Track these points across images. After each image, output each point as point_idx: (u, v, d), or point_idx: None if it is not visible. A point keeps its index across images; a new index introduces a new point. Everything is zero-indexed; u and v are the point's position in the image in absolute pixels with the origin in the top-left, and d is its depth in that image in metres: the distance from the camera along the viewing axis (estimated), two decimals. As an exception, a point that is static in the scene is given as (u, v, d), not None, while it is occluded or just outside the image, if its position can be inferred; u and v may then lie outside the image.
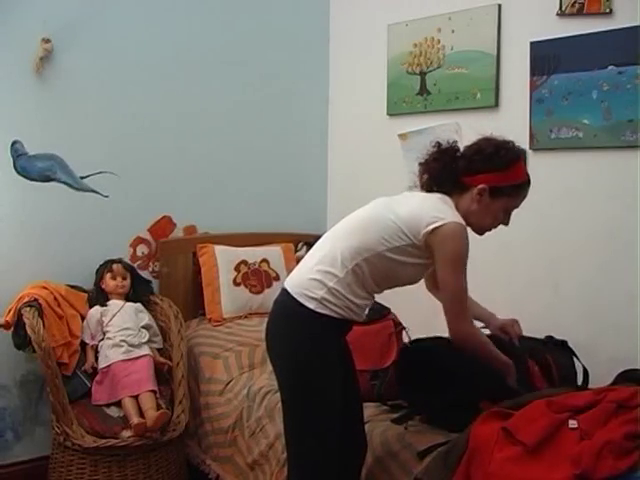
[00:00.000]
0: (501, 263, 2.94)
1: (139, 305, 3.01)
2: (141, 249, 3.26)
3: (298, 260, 3.51)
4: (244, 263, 3.33)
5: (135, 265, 3.18)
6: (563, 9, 2.67)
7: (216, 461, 2.77)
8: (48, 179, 2.96)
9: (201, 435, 2.87)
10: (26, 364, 2.90)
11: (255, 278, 3.32)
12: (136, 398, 2.69)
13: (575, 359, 2.32)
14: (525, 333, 2.37)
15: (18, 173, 2.89)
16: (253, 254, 3.37)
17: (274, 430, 2.48)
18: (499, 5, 2.91)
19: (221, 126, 3.44)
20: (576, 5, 2.63)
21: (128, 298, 3.01)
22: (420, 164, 2.01)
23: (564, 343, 2.36)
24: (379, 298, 2.08)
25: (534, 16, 2.79)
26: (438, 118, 3.15)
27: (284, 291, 1.96)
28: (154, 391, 2.75)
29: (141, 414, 2.63)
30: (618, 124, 2.53)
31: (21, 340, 2.67)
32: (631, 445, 1.64)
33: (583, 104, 2.63)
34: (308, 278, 1.91)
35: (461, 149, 2.00)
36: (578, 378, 2.29)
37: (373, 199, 2.03)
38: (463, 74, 3.05)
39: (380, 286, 1.95)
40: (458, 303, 1.91)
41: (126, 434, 2.60)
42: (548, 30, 2.73)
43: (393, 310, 2.60)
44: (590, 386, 2.22)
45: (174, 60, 3.27)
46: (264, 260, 3.38)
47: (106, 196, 3.10)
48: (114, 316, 2.89)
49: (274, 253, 3.43)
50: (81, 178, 3.04)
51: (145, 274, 3.22)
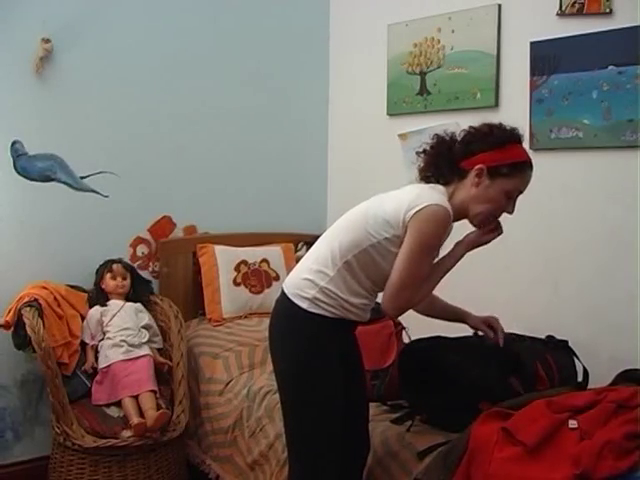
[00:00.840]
0: (501, 263, 2.94)
1: (139, 305, 3.01)
2: (141, 249, 3.26)
3: (298, 260, 3.49)
4: (244, 263, 3.33)
5: (135, 265, 3.18)
6: (563, 9, 2.67)
7: (216, 461, 2.77)
8: (48, 179, 2.96)
9: (201, 435, 2.87)
10: (26, 364, 2.90)
11: (255, 278, 3.32)
12: (136, 398, 2.69)
13: (575, 359, 2.32)
14: (525, 333, 2.38)
15: (18, 173, 2.89)
16: (253, 254, 3.37)
17: (274, 430, 2.48)
18: (499, 5, 2.91)
19: (221, 126, 3.44)
20: (576, 5, 2.63)
21: (128, 298, 3.01)
22: (417, 153, 1.98)
23: (564, 343, 2.36)
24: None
25: (534, 16, 2.79)
26: (438, 118, 3.15)
27: (282, 291, 1.97)
28: (154, 391, 2.75)
29: (141, 414, 2.63)
30: (618, 124, 2.53)
31: (21, 340, 2.67)
32: (631, 445, 1.64)
33: (583, 104, 2.63)
34: (302, 278, 1.92)
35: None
36: (578, 378, 2.30)
37: (373, 198, 2.03)
38: (463, 74, 3.05)
39: (377, 283, 1.90)
40: (406, 289, 1.80)
41: (126, 434, 2.60)
42: (548, 30, 2.73)
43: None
44: (590, 386, 2.22)
45: (174, 60, 3.27)
46: (264, 260, 3.38)
47: (106, 196, 3.10)
48: (114, 316, 2.89)
49: (274, 253, 3.43)
50: (81, 178, 3.04)
51: (145, 274, 3.22)
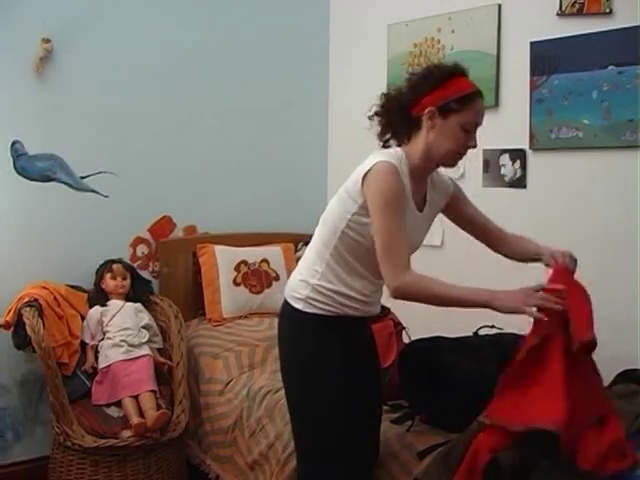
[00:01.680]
0: (501, 263, 2.93)
1: (139, 305, 3.01)
2: (141, 249, 3.26)
3: (298, 260, 3.51)
4: (244, 263, 3.33)
5: (135, 265, 3.18)
6: (563, 9, 2.67)
7: (216, 461, 2.77)
8: (48, 179, 2.96)
9: (201, 435, 2.87)
10: (26, 364, 2.90)
11: (255, 278, 3.32)
12: (136, 398, 2.69)
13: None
14: (526, 333, 2.37)
15: (18, 173, 2.89)
16: (253, 254, 3.37)
17: (274, 430, 2.48)
18: (499, 5, 2.91)
19: (221, 126, 3.44)
20: (576, 5, 2.63)
21: (128, 298, 3.01)
22: (369, 117, 1.94)
23: (564, 343, 2.36)
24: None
25: (534, 16, 2.79)
26: (438, 118, 3.15)
27: (284, 295, 1.97)
28: (154, 391, 2.75)
29: (141, 414, 2.63)
30: (618, 124, 2.53)
31: (21, 340, 2.67)
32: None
33: (583, 104, 2.63)
34: (296, 279, 1.92)
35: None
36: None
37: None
38: (463, 74, 3.05)
39: (369, 264, 1.83)
40: (389, 251, 1.73)
41: (126, 434, 2.60)
42: (548, 30, 2.73)
43: (393, 310, 2.60)
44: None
45: (174, 60, 3.27)
46: (264, 260, 3.38)
47: (106, 196, 3.10)
48: (114, 316, 2.89)
49: (274, 253, 3.43)
50: (81, 178, 3.04)
51: (145, 274, 3.22)
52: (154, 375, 2.81)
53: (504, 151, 2.90)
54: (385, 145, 1.93)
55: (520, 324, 2.45)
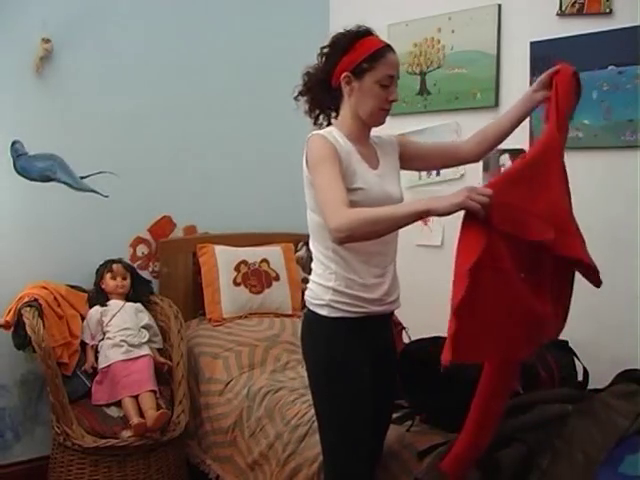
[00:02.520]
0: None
1: (139, 305, 3.01)
2: (141, 249, 3.26)
3: (298, 260, 3.51)
4: (244, 263, 3.33)
5: (135, 265, 3.18)
6: (563, 9, 2.67)
7: (216, 461, 2.77)
8: (48, 179, 2.96)
9: (201, 435, 2.87)
10: (26, 364, 2.90)
11: (255, 278, 3.32)
12: (136, 398, 2.69)
13: (575, 359, 2.32)
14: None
15: (18, 173, 2.89)
16: (253, 254, 3.37)
17: (274, 430, 2.49)
18: (499, 5, 2.91)
19: (221, 126, 3.44)
20: (576, 5, 2.63)
21: (128, 298, 3.01)
22: (295, 98, 2.01)
23: (564, 343, 2.36)
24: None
25: (534, 16, 2.79)
26: (438, 118, 3.15)
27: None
28: (154, 391, 2.75)
29: (141, 414, 2.64)
30: (618, 124, 2.53)
31: (21, 340, 2.67)
32: None
33: (583, 104, 2.60)
34: (316, 287, 1.90)
35: None
36: (578, 378, 2.30)
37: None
38: (463, 74, 3.05)
39: (360, 245, 1.82)
40: (327, 203, 1.77)
41: (126, 434, 2.60)
42: (548, 30, 2.73)
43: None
44: (590, 386, 2.23)
45: (174, 60, 3.27)
46: (264, 260, 3.38)
47: (106, 196, 3.10)
48: (114, 316, 2.89)
49: (274, 253, 3.43)
50: (81, 178, 3.04)
51: (145, 274, 3.23)
52: (154, 375, 2.81)
53: (504, 151, 2.90)
54: (316, 122, 2.03)
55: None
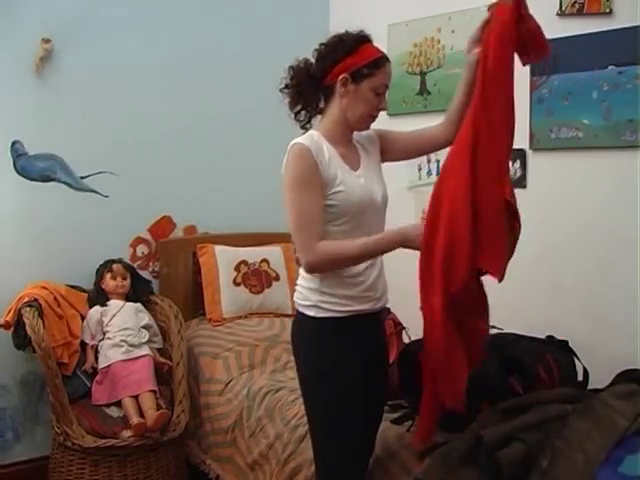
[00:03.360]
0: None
1: (139, 305, 3.01)
2: (141, 249, 3.26)
3: (298, 260, 3.51)
4: (244, 263, 3.33)
5: (135, 265, 3.18)
6: (563, 9, 2.67)
7: (216, 461, 2.77)
8: (48, 179, 2.96)
9: (201, 435, 2.87)
10: (26, 364, 2.90)
11: (255, 278, 3.32)
12: (136, 398, 2.69)
13: (575, 359, 2.32)
14: (525, 333, 2.38)
15: (18, 173, 2.89)
16: (253, 254, 3.37)
17: (274, 430, 2.49)
18: (499, 5, 2.90)
19: (221, 126, 3.44)
20: (576, 5, 2.63)
21: (128, 298, 3.01)
22: (280, 90, 1.99)
23: (564, 343, 2.36)
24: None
25: (534, 16, 2.79)
26: (438, 118, 3.09)
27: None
28: (154, 391, 2.75)
29: (141, 414, 2.64)
30: (618, 124, 2.53)
31: (21, 340, 2.68)
32: None
33: (583, 104, 2.63)
34: (304, 289, 1.91)
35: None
36: (578, 378, 2.29)
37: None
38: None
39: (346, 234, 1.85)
40: (299, 228, 1.77)
41: (126, 434, 2.60)
42: (548, 30, 2.68)
43: (393, 310, 2.60)
44: (590, 386, 2.22)
45: (174, 60, 3.27)
46: (264, 260, 3.38)
47: (106, 196, 3.11)
48: (114, 316, 2.89)
49: (274, 253, 3.43)
50: (81, 178, 3.05)
51: (145, 274, 3.23)
52: (154, 375, 2.81)
53: (504, 151, 2.90)
54: (297, 117, 1.98)
55: (520, 324, 2.47)
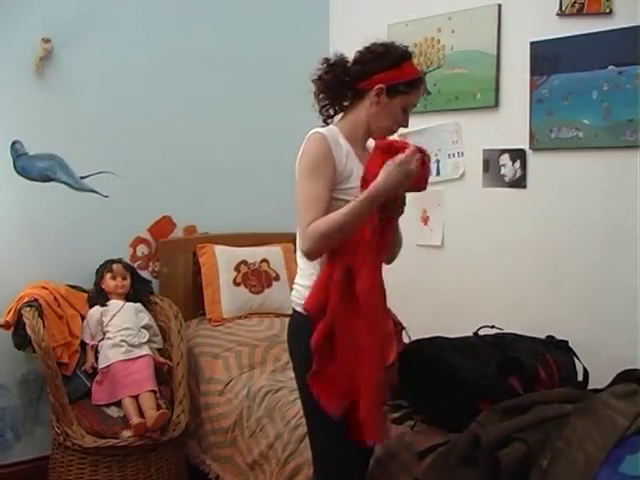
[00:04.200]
0: (502, 263, 2.94)
1: (139, 305, 3.01)
2: (141, 249, 3.26)
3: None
4: (244, 263, 3.33)
5: (135, 265, 3.18)
6: (563, 9, 2.67)
7: (216, 461, 2.77)
8: (48, 179, 2.96)
9: (201, 435, 2.87)
10: (26, 364, 2.90)
11: (255, 278, 3.32)
12: (136, 398, 2.69)
13: (575, 359, 2.32)
14: (525, 333, 2.38)
15: (18, 173, 2.89)
16: (253, 254, 3.37)
17: (274, 430, 2.48)
18: (499, 5, 2.91)
19: (221, 126, 3.44)
20: (576, 5, 2.63)
21: (128, 298, 3.01)
22: (313, 81, 1.99)
23: (564, 343, 2.36)
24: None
25: (534, 16, 2.79)
26: (438, 118, 3.15)
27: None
28: (154, 391, 2.75)
29: (141, 414, 2.64)
30: (618, 124, 2.53)
31: (21, 340, 2.68)
32: None
33: (583, 104, 2.63)
34: (300, 288, 1.91)
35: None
36: (578, 378, 2.30)
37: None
38: (463, 74, 3.05)
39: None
40: (302, 215, 1.78)
41: (126, 434, 2.60)
42: (548, 30, 2.72)
43: (393, 310, 2.59)
44: (590, 386, 2.22)
45: (174, 60, 3.26)
46: (264, 260, 3.38)
47: (106, 196, 3.10)
48: (114, 316, 2.89)
49: (274, 253, 3.43)
50: (81, 178, 3.04)
51: (145, 274, 3.23)
52: (154, 375, 2.81)
53: (504, 151, 2.90)
54: (322, 111, 2.01)
55: (520, 324, 2.47)
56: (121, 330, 2.85)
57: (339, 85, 1.94)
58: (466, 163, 3.06)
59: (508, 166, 2.89)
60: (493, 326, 2.43)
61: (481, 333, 2.37)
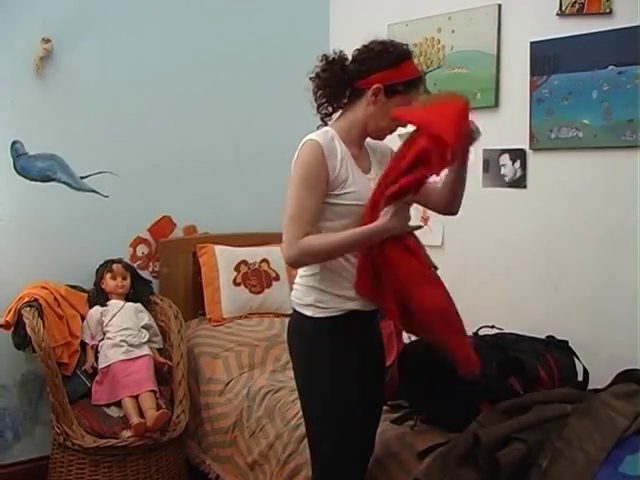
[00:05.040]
0: (501, 263, 2.94)
1: (139, 305, 3.01)
2: (141, 249, 3.26)
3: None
4: (244, 263, 3.33)
5: (135, 265, 3.18)
6: (563, 9, 2.67)
7: (216, 461, 2.77)
8: (48, 179, 2.96)
9: (201, 435, 2.87)
10: (26, 364, 2.90)
11: (255, 278, 3.32)
12: (136, 398, 2.69)
13: (575, 359, 2.33)
14: (525, 333, 2.38)
15: (18, 173, 2.89)
16: (253, 254, 3.37)
17: (274, 430, 2.49)
18: (499, 5, 2.91)
19: (221, 126, 3.44)
20: (576, 5, 2.63)
21: (128, 298, 3.01)
22: (311, 78, 1.97)
23: (564, 343, 2.36)
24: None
25: (534, 16, 2.79)
26: (438, 118, 3.15)
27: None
28: (154, 391, 2.75)
29: (141, 414, 2.64)
30: (618, 124, 2.53)
31: (21, 340, 2.68)
32: None
33: (583, 104, 2.63)
34: (301, 288, 1.90)
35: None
36: (578, 378, 2.30)
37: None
38: (463, 74, 3.05)
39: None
40: (292, 221, 1.77)
41: (126, 434, 2.60)
42: (548, 30, 2.73)
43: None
44: (590, 386, 2.23)
45: (174, 60, 3.27)
46: (264, 260, 3.38)
47: (106, 196, 3.10)
48: (114, 316, 2.89)
49: (274, 253, 3.43)
50: (81, 178, 3.04)
51: (145, 274, 3.23)
52: (154, 375, 2.81)
53: (504, 151, 2.90)
54: (319, 109, 1.99)
55: (520, 324, 2.47)
56: (121, 330, 2.85)
57: (337, 83, 1.91)
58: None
59: (508, 166, 2.89)
60: (493, 326, 2.43)
61: (481, 333, 2.37)
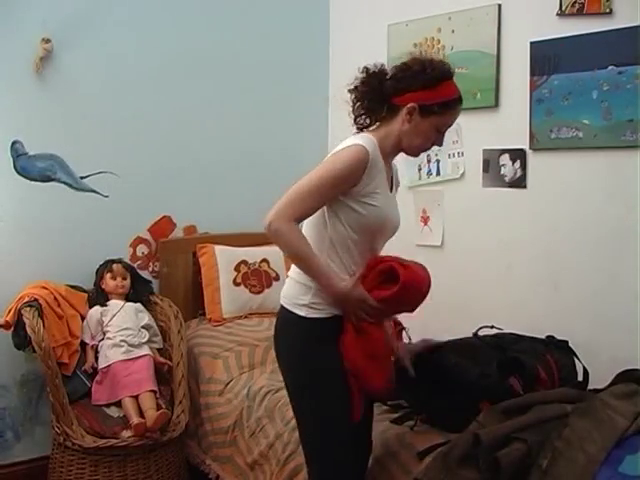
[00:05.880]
0: (502, 263, 2.94)
1: (139, 305, 3.01)
2: (141, 249, 3.26)
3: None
4: (244, 263, 3.33)
5: (135, 265, 3.18)
6: (563, 9, 2.67)
7: (216, 461, 2.77)
8: (48, 179, 2.96)
9: (201, 435, 2.87)
10: (26, 364, 2.90)
11: (255, 278, 3.32)
12: (136, 398, 2.69)
13: (575, 359, 2.32)
14: (525, 333, 2.38)
15: (18, 173, 2.89)
16: (253, 254, 3.37)
17: (274, 430, 2.49)
18: (499, 5, 2.91)
19: (221, 126, 3.44)
20: (576, 5, 2.63)
21: (128, 298, 3.01)
22: (349, 91, 1.96)
23: (564, 343, 2.36)
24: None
25: (534, 16, 2.79)
26: (438, 118, 3.15)
27: (280, 304, 1.94)
28: (154, 391, 2.75)
29: (141, 414, 2.64)
30: (618, 124, 2.53)
31: (21, 340, 2.68)
32: None
33: (583, 104, 2.63)
34: (295, 285, 1.89)
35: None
36: (578, 378, 2.29)
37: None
38: (463, 74, 3.04)
39: (361, 240, 1.86)
40: (295, 200, 1.76)
41: (126, 434, 2.60)
42: (548, 30, 2.73)
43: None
44: (590, 386, 2.22)
45: (174, 60, 3.26)
46: (264, 260, 3.38)
47: (106, 196, 3.10)
48: (114, 316, 2.89)
49: (274, 253, 3.42)
50: (81, 178, 3.04)
51: (145, 274, 3.23)
52: (154, 375, 2.81)
53: (504, 151, 2.90)
54: (356, 120, 1.96)
55: (520, 324, 2.46)
56: (121, 330, 2.85)
57: (374, 97, 1.90)
58: (466, 163, 3.06)
59: (508, 166, 2.89)
60: (493, 326, 2.43)
61: (481, 333, 2.37)
